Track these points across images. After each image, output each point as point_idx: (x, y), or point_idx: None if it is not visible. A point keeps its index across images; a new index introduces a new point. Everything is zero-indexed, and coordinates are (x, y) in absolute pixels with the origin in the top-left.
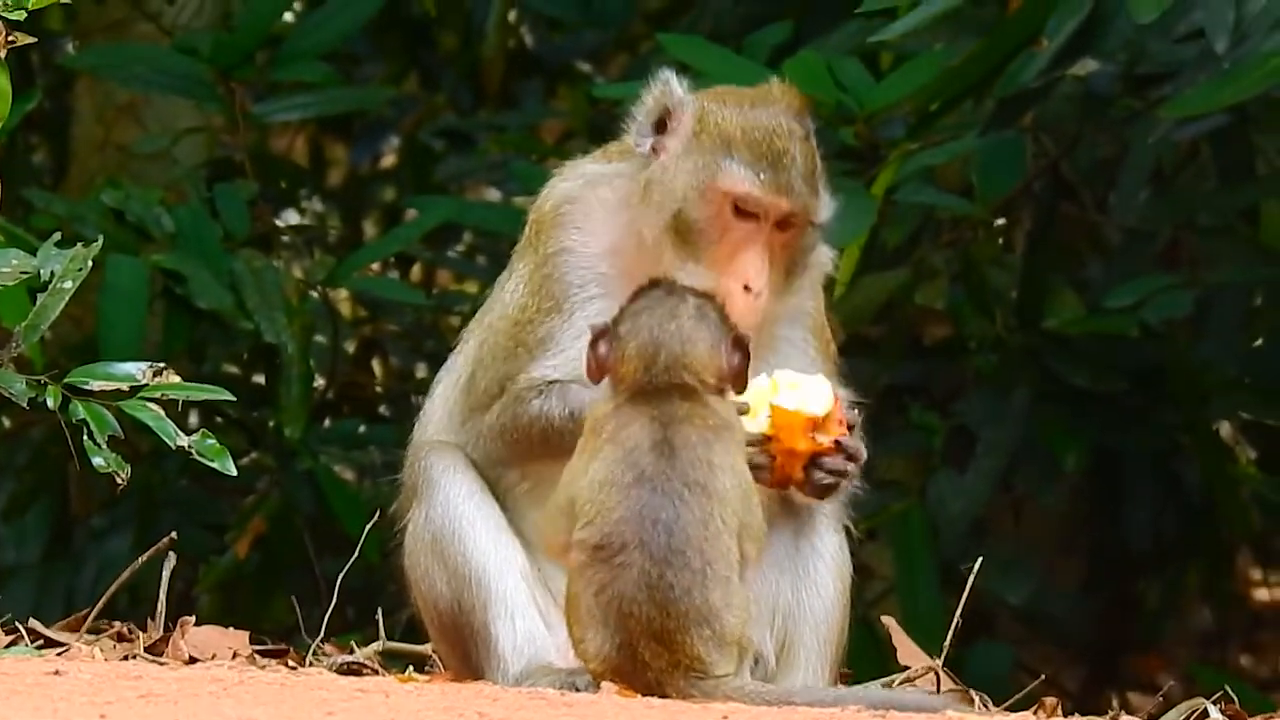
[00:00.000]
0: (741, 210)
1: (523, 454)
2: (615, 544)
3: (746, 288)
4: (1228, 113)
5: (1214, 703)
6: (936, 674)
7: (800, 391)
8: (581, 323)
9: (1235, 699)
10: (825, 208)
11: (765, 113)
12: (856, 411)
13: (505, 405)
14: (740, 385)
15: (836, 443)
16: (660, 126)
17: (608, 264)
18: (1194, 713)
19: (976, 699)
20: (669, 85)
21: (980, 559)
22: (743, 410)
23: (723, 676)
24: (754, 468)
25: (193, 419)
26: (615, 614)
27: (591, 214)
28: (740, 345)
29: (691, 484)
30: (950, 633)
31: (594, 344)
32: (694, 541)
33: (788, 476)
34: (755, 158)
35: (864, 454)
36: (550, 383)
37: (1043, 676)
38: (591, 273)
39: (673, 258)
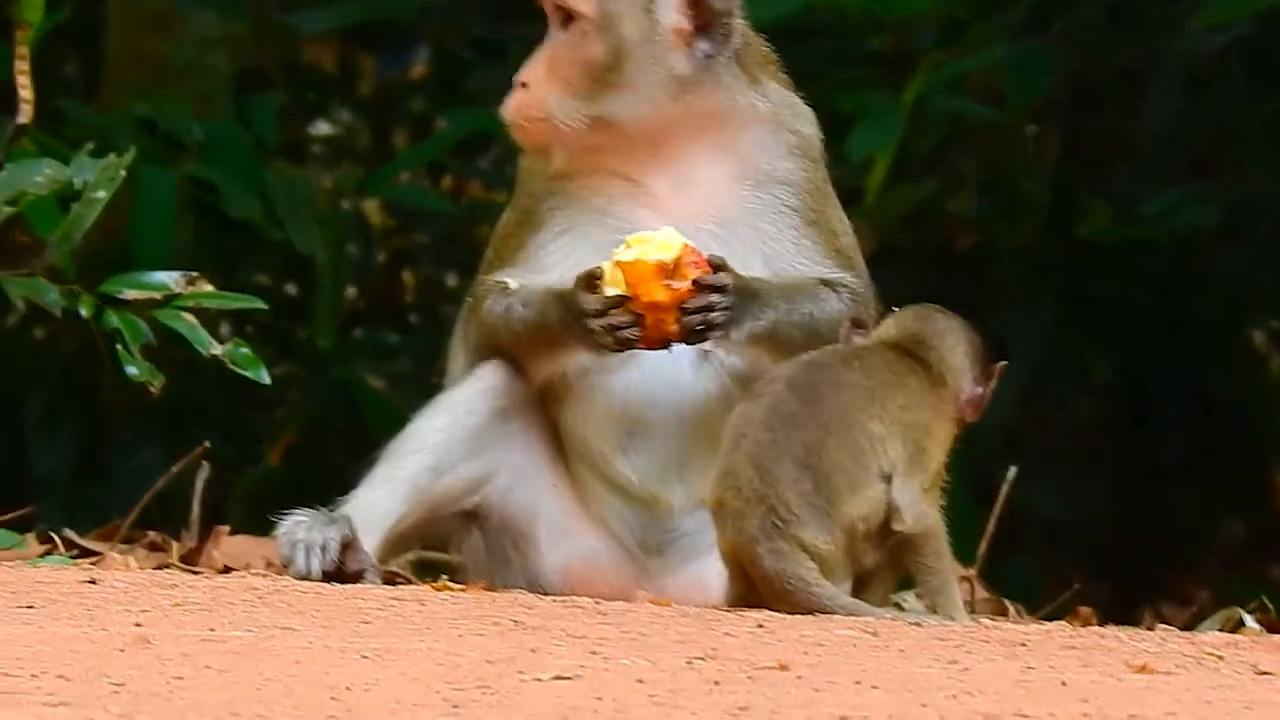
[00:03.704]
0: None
1: (488, 352)
2: (770, 376)
3: (521, 85)
4: (1257, 21)
5: (1250, 612)
6: (970, 583)
7: (644, 245)
8: (547, 232)
9: (1271, 608)
10: (586, 1)
11: None
12: (718, 255)
13: (472, 307)
14: (971, 412)
15: (695, 283)
16: None
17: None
18: (1230, 622)
19: (1010, 608)
20: None
21: (1014, 469)
22: (598, 276)
23: (804, 547)
24: (620, 329)
25: (223, 329)
26: (733, 434)
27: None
28: (987, 378)
29: (860, 385)
30: (983, 542)
31: (847, 338)
32: (839, 397)
33: (664, 334)
34: None
35: (728, 280)
36: (503, 286)
37: (1075, 586)
38: (554, 184)
39: None
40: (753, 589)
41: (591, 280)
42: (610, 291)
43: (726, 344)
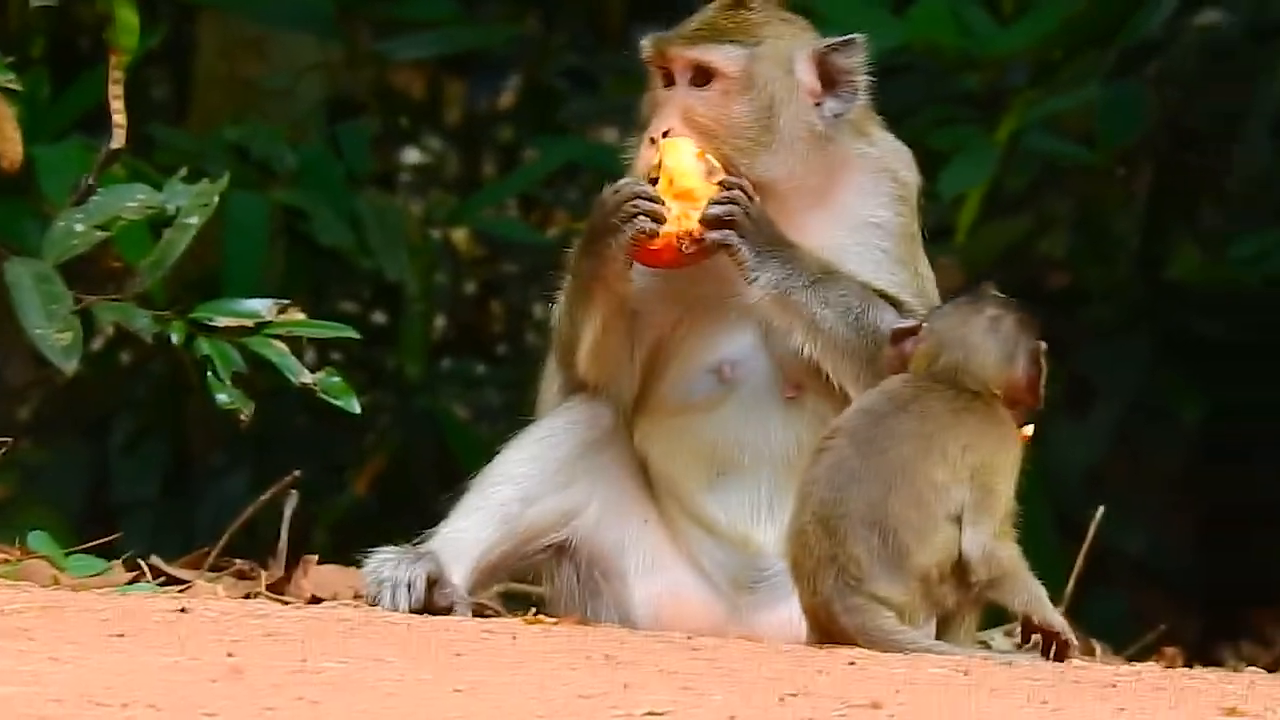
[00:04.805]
0: (666, 82)
1: (563, 364)
2: (832, 428)
3: (652, 140)
4: None
5: None
6: None
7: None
8: (639, 275)
9: None
10: (733, 61)
11: (716, 1)
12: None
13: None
14: (1032, 398)
15: (722, 182)
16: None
17: None
18: None
19: (1097, 648)
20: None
21: (1101, 509)
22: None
23: (879, 601)
24: (641, 213)
25: (309, 357)
26: (802, 493)
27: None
28: (1036, 359)
29: (919, 433)
30: (1071, 582)
31: (896, 340)
32: (900, 450)
33: (687, 231)
34: (666, 27)
35: (750, 193)
36: None
37: (1162, 627)
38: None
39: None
40: (836, 640)
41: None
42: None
43: (751, 292)
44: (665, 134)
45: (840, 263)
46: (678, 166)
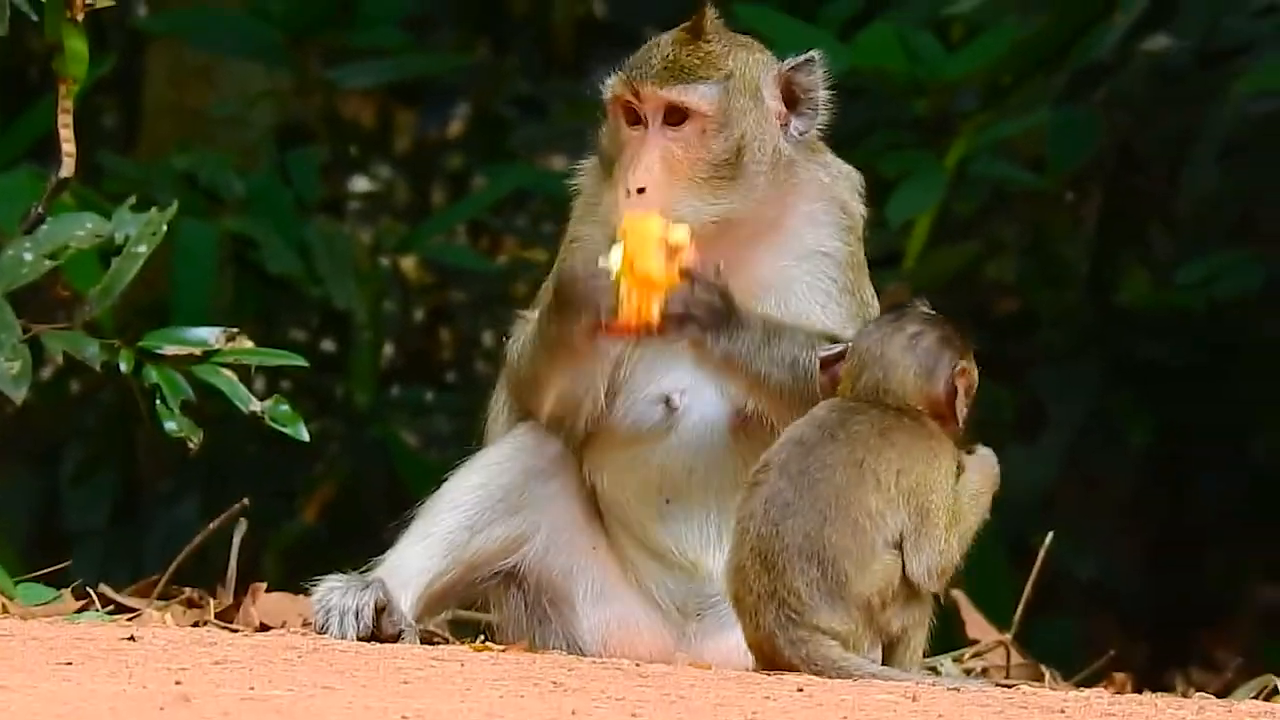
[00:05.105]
0: (631, 120)
1: (516, 398)
2: (761, 463)
3: (637, 191)
4: None
5: None
6: (1005, 647)
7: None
8: None
9: None
10: (709, 100)
11: (668, 35)
12: (720, 266)
13: (505, 359)
14: (951, 416)
15: (684, 272)
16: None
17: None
18: (1264, 689)
19: (1046, 673)
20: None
21: (1051, 534)
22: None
23: (822, 631)
24: (609, 312)
25: (258, 385)
26: (739, 529)
27: (599, 203)
28: (957, 376)
29: (849, 461)
30: (1020, 607)
31: (825, 367)
32: (832, 480)
33: (643, 321)
34: (633, 63)
35: (713, 278)
36: (525, 320)
37: (1111, 652)
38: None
39: (610, 204)
40: (783, 671)
41: (587, 260)
42: (602, 262)
43: (701, 353)
44: (639, 190)
45: (789, 295)
46: (640, 250)
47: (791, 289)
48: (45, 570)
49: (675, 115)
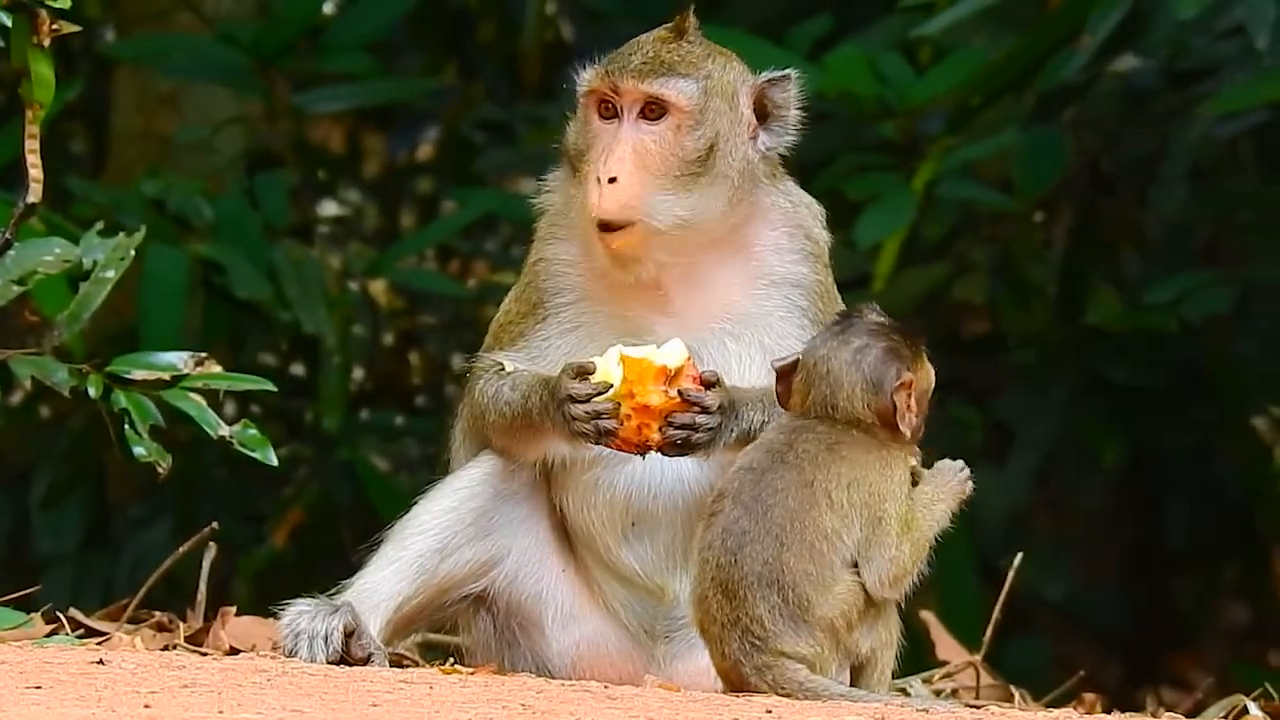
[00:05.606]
0: (606, 114)
1: (480, 434)
2: (716, 493)
3: (610, 180)
4: (1268, 109)
5: (1253, 700)
6: (975, 669)
7: (651, 349)
8: (554, 326)
9: (1275, 696)
10: (687, 96)
11: (649, 34)
12: (714, 370)
13: (468, 389)
14: (892, 422)
15: (683, 397)
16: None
17: (581, 268)
18: (1234, 710)
19: (1016, 694)
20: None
21: (1020, 555)
22: (589, 370)
23: (787, 655)
24: (601, 418)
25: (229, 409)
26: (699, 559)
27: (566, 223)
28: (905, 388)
29: (800, 483)
30: (989, 628)
31: (781, 378)
32: (785, 504)
33: (645, 440)
34: (612, 58)
35: (713, 401)
36: (499, 366)
37: (1081, 673)
38: (566, 279)
39: (581, 204)
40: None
41: (582, 371)
42: (599, 379)
43: (702, 457)
44: (611, 179)
45: (766, 328)
46: (639, 383)
47: (768, 321)
48: (15, 595)
49: (652, 110)
